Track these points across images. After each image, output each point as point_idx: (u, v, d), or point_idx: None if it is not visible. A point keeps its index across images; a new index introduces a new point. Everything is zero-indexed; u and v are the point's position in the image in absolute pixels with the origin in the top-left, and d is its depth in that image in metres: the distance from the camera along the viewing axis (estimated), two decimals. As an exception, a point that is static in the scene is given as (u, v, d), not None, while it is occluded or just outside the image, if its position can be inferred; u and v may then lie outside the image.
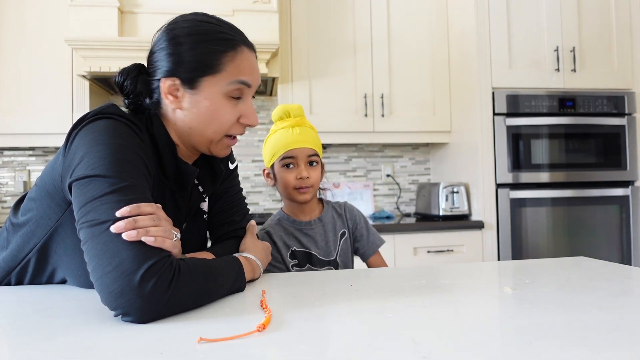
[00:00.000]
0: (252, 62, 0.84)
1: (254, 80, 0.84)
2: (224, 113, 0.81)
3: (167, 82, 0.79)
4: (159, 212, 0.67)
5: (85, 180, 0.66)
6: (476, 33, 2.26)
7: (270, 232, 1.17)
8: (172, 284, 0.61)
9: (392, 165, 2.86)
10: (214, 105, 0.80)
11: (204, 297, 0.67)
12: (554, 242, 2.26)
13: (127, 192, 0.65)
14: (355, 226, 1.25)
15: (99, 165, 0.66)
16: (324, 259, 1.18)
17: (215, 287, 0.70)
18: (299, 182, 1.13)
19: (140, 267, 0.59)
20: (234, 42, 0.81)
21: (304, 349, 0.49)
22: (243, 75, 0.82)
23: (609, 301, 0.67)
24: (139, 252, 0.60)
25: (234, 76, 0.80)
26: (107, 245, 0.60)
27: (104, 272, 0.59)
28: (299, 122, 1.16)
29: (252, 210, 2.72)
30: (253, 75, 0.84)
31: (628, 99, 2.34)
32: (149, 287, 0.58)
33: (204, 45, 0.79)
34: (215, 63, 0.79)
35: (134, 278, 0.58)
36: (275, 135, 1.16)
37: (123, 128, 0.73)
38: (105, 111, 0.75)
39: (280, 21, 2.37)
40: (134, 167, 0.69)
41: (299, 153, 1.13)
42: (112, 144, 0.69)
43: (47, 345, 0.51)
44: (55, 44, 2.21)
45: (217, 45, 0.79)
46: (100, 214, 0.63)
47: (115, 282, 0.58)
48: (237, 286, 0.76)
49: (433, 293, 0.73)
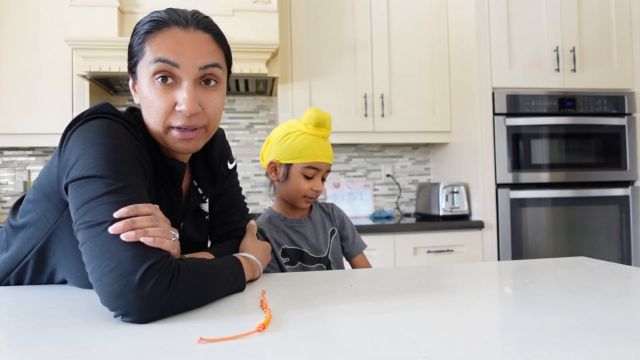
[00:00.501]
0: (181, 40, 0.74)
1: (180, 59, 0.74)
2: (155, 98, 0.75)
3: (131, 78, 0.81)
4: (156, 212, 0.67)
5: (82, 181, 0.65)
6: (476, 33, 2.26)
7: (263, 230, 1.18)
8: (171, 284, 0.61)
9: (392, 165, 2.86)
10: (146, 91, 0.76)
11: (203, 297, 0.67)
12: (554, 242, 2.26)
13: (123, 193, 0.65)
14: (343, 226, 1.29)
15: (95, 165, 0.66)
16: (314, 256, 1.19)
17: (215, 287, 0.70)
18: (313, 193, 1.16)
19: (139, 268, 0.59)
20: (162, 22, 0.75)
21: (304, 349, 0.49)
22: (162, 52, 0.73)
23: (609, 301, 0.67)
24: (137, 252, 0.60)
25: (153, 55, 0.74)
26: (105, 246, 0.60)
27: (103, 273, 0.59)
28: (327, 134, 1.19)
29: (252, 210, 2.72)
30: (180, 53, 0.74)
31: (628, 99, 2.34)
32: (148, 288, 0.58)
33: (137, 31, 0.78)
34: (141, 47, 0.76)
35: (133, 279, 0.58)
36: (304, 138, 1.15)
37: (117, 127, 0.72)
38: (100, 111, 0.74)
39: (280, 21, 2.37)
40: (130, 167, 0.69)
41: (324, 167, 1.17)
42: (107, 144, 0.68)
43: (47, 346, 0.51)
44: (55, 44, 2.21)
45: (144, 28, 0.76)
46: (98, 215, 0.62)
47: (114, 282, 0.58)
48: (237, 286, 0.76)
49: (433, 293, 0.73)
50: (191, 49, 0.75)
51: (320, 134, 1.16)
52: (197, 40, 0.76)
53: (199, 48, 0.76)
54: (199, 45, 0.76)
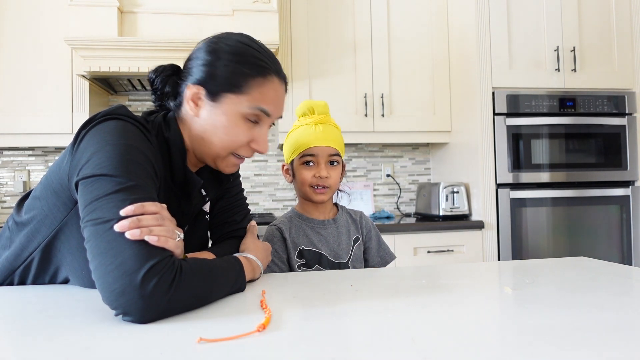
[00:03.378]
0: (278, 93, 0.86)
1: (275, 112, 0.86)
2: (237, 132, 0.83)
3: (193, 89, 0.83)
4: (163, 211, 0.67)
5: (92, 179, 0.66)
6: (476, 33, 2.26)
7: (282, 229, 1.13)
8: (173, 284, 0.61)
9: (392, 165, 2.86)
10: (229, 122, 0.82)
11: (205, 297, 0.67)
12: (554, 242, 2.26)
13: (132, 192, 0.65)
14: (369, 237, 1.23)
15: (107, 164, 0.67)
16: (334, 260, 1.14)
17: (216, 288, 0.70)
18: (317, 180, 1.11)
19: (142, 267, 0.59)
20: (267, 70, 0.83)
21: (304, 349, 0.49)
22: (265, 103, 0.83)
23: (609, 301, 0.67)
24: (141, 251, 0.60)
25: (256, 102, 0.82)
26: (110, 244, 0.60)
27: (106, 270, 0.59)
28: (322, 120, 1.13)
29: (252, 210, 2.72)
30: (276, 106, 0.86)
31: (628, 98, 2.34)
32: (150, 287, 0.58)
33: (237, 65, 0.81)
34: (242, 84, 0.81)
35: (136, 278, 0.58)
36: (297, 132, 1.14)
37: (132, 129, 0.74)
38: (115, 112, 0.75)
39: (280, 21, 2.37)
40: (141, 167, 0.70)
41: (320, 151, 1.11)
42: (120, 145, 0.70)
43: (47, 345, 0.51)
44: (55, 44, 2.21)
45: (248, 68, 0.81)
46: (105, 212, 0.63)
47: (116, 281, 0.58)
48: (237, 286, 0.76)
49: (433, 293, 0.73)
50: (280, 102, 0.88)
51: (312, 121, 1.12)
52: (283, 94, 0.88)
53: (283, 101, 0.89)
54: (283, 99, 0.89)
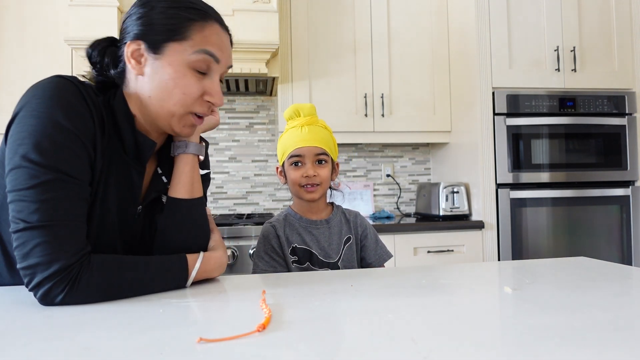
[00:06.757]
0: (222, 38, 0.81)
1: (223, 57, 0.81)
2: (186, 83, 0.77)
3: (132, 45, 0.78)
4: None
5: (14, 171, 0.68)
6: (476, 33, 2.26)
7: (276, 226, 1.20)
8: (65, 291, 0.66)
9: (392, 165, 2.86)
10: (176, 73, 0.77)
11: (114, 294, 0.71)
12: (554, 242, 2.26)
13: (48, 189, 0.67)
14: (365, 236, 1.25)
15: (28, 142, 0.68)
16: (323, 260, 1.18)
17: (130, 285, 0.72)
18: (305, 179, 1.15)
19: (44, 272, 0.65)
20: (206, 14, 0.79)
21: (304, 348, 0.49)
22: (210, 46, 0.78)
23: (609, 301, 0.67)
24: (45, 255, 0.66)
25: (200, 45, 0.77)
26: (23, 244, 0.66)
27: (20, 267, 0.67)
28: (309, 122, 1.18)
29: (252, 210, 2.72)
30: (222, 51, 0.80)
31: (628, 98, 2.34)
32: (41, 294, 0.66)
33: (174, 10, 0.77)
34: (182, 29, 0.77)
35: (35, 280, 0.66)
36: (286, 135, 1.19)
37: (71, 88, 0.74)
38: (63, 75, 0.76)
39: (280, 21, 2.37)
40: (68, 149, 0.69)
41: (307, 152, 1.16)
42: (51, 116, 0.69)
43: (46, 345, 0.51)
44: (55, 44, 2.21)
45: (186, 12, 0.77)
46: (21, 209, 0.66)
47: (24, 277, 0.67)
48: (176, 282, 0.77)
49: (433, 293, 0.73)
50: (226, 49, 0.82)
51: (298, 123, 1.17)
52: (228, 42, 0.83)
53: (229, 49, 0.83)
54: (229, 47, 0.84)
